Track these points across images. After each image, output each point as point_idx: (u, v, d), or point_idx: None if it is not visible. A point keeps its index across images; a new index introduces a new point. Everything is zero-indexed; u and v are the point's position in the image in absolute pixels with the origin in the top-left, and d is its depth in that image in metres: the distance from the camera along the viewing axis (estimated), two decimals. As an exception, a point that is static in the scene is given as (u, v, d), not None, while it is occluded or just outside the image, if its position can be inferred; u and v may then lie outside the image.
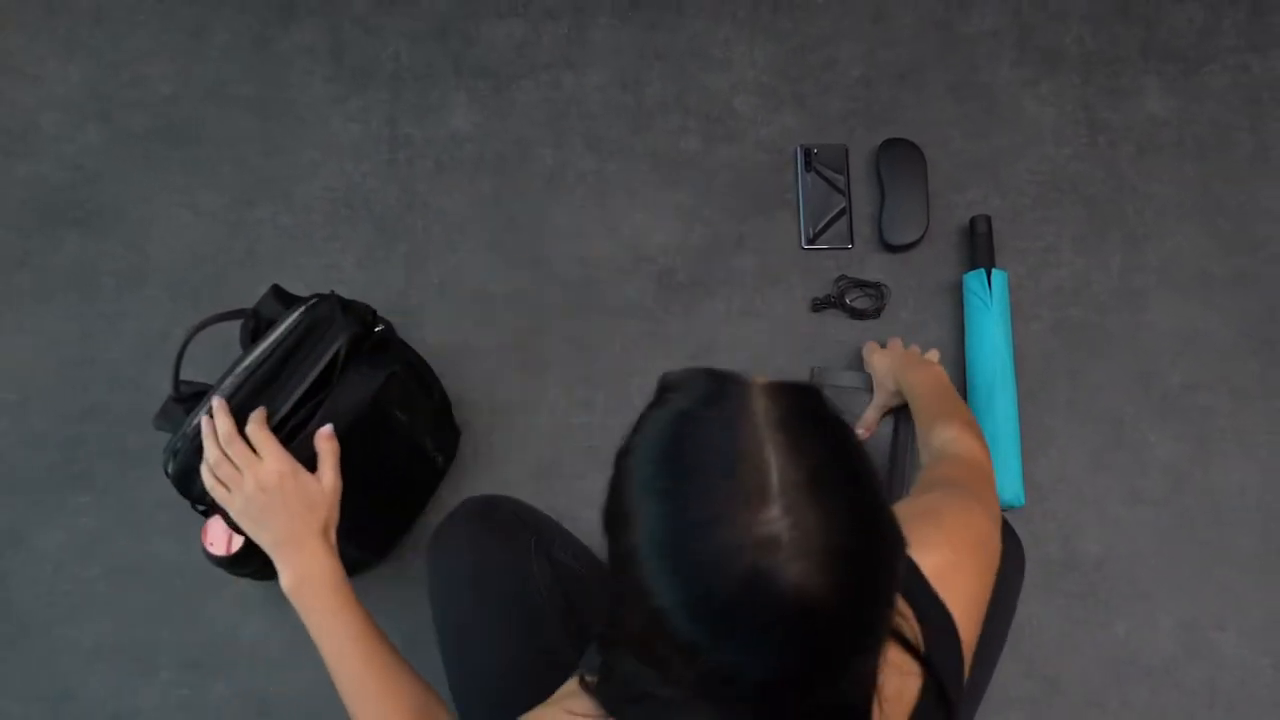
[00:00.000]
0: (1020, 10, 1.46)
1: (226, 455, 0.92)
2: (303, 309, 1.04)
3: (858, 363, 1.31)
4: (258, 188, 1.42)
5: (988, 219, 1.34)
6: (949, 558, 0.74)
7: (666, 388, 0.61)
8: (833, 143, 1.40)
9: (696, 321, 1.35)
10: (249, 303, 1.37)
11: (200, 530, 1.10)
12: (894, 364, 1.20)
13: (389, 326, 1.27)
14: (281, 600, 1.26)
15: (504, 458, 1.31)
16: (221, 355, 1.10)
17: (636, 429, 0.59)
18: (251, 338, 1.05)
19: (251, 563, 1.10)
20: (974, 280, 1.30)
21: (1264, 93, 1.42)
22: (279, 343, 1.02)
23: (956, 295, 1.35)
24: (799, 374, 1.33)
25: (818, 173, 1.38)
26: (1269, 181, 1.39)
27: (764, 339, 1.34)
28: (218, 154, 1.43)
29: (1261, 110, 1.41)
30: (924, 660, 0.67)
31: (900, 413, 1.24)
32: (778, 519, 0.52)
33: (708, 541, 0.53)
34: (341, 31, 1.47)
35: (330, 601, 0.89)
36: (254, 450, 0.92)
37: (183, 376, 1.03)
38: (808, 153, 1.39)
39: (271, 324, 1.04)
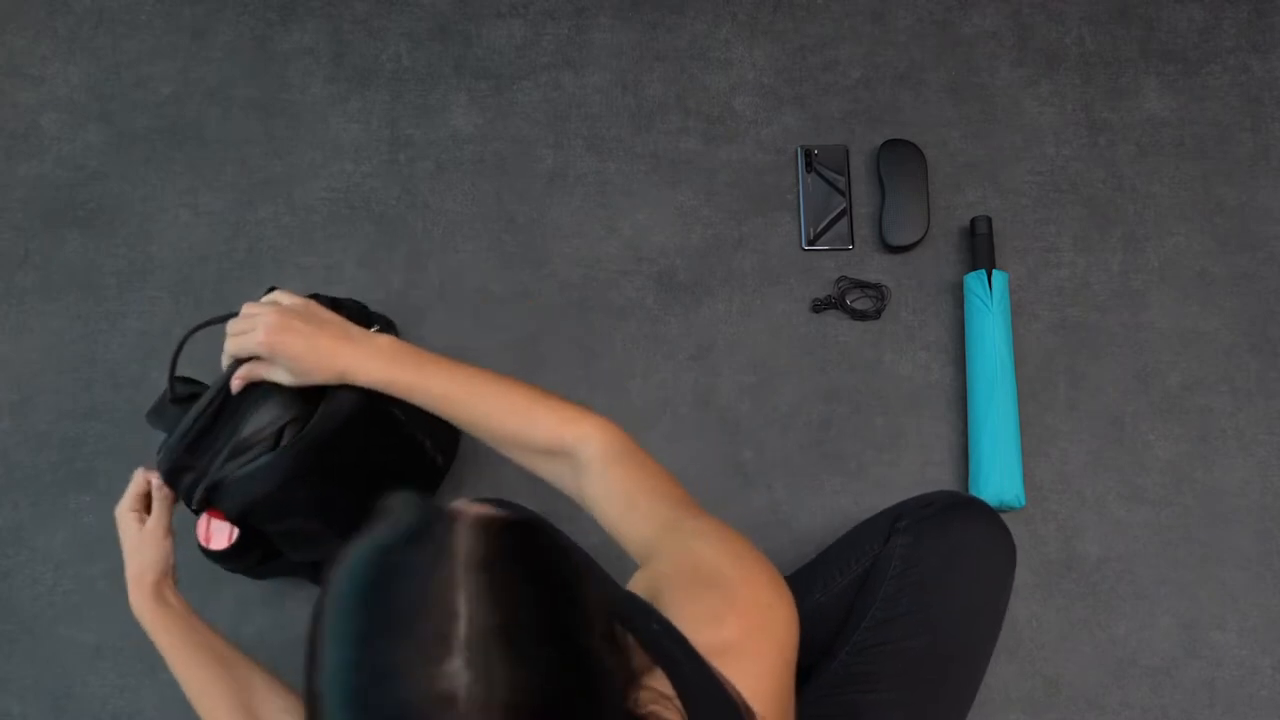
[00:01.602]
0: (1020, 11, 1.46)
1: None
2: None
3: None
4: (259, 188, 1.42)
5: (988, 219, 1.34)
6: (737, 632, 0.67)
7: (380, 511, 0.57)
8: (833, 143, 1.41)
9: (696, 322, 1.36)
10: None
11: (197, 526, 1.10)
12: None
13: (388, 324, 1.28)
14: (281, 600, 1.27)
15: (503, 458, 1.31)
16: (220, 355, 1.10)
17: (339, 559, 0.56)
18: None
19: (247, 558, 1.10)
20: (974, 281, 1.30)
21: (1264, 93, 1.42)
22: None
23: (957, 296, 1.35)
24: (800, 373, 1.33)
25: (818, 173, 1.38)
26: (1269, 181, 1.39)
27: (764, 339, 1.35)
28: (219, 154, 1.43)
29: (1262, 110, 1.41)
30: None
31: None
32: (458, 672, 0.49)
33: (386, 696, 0.50)
34: (342, 32, 1.48)
35: (166, 640, 0.95)
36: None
37: (180, 376, 1.03)
38: (809, 153, 1.39)
39: None
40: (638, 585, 0.73)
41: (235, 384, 0.95)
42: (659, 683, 0.61)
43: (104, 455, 1.32)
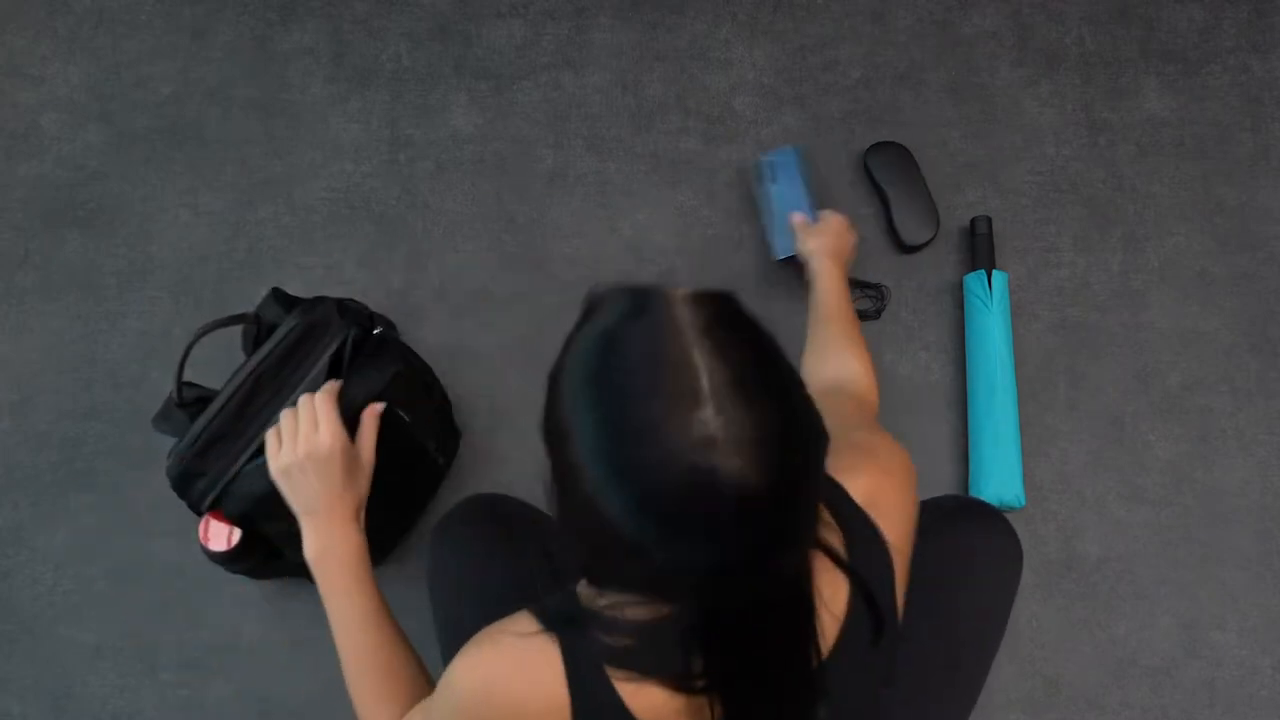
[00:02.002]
0: (1020, 11, 1.46)
1: (295, 415, 0.94)
2: (299, 311, 1.04)
3: None
4: (259, 188, 1.42)
5: (988, 220, 1.34)
6: (879, 481, 0.77)
7: (591, 306, 0.63)
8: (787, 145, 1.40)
9: (696, 321, 1.35)
10: (251, 302, 1.38)
11: (199, 527, 1.10)
12: (827, 245, 1.18)
13: (391, 326, 1.28)
14: (281, 600, 1.27)
15: (504, 458, 1.31)
16: (223, 357, 1.10)
17: (565, 349, 0.61)
18: (254, 342, 1.05)
19: (248, 559, 1.11)
20: (974, 281, 1.30)
21: (1264, 93, 1.42)
22: (276, 345, 1.02)
23: (957, 296, 1.35)
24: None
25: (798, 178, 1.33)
26: (1269, 181, 1.39)
27: (764, 339, 1.34)
28: (219, 154, 1.43)
29: (1262, 111, 1.41)
30: (848, 569, 0.70)
31: None
32: (712, 419, 0.55)
33: (648, 447, 0.55)
34: (342, 32, 1.48)
35: (347, 580, 0.90)
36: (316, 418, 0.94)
37: (185, 379, 1.04)
38: (762, 166, 1.33)
39: (274, 328, 1.05)
40: None
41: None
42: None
43: (104, 455, 1.32)
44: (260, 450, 1.01)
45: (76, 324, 1.37)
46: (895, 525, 0.77)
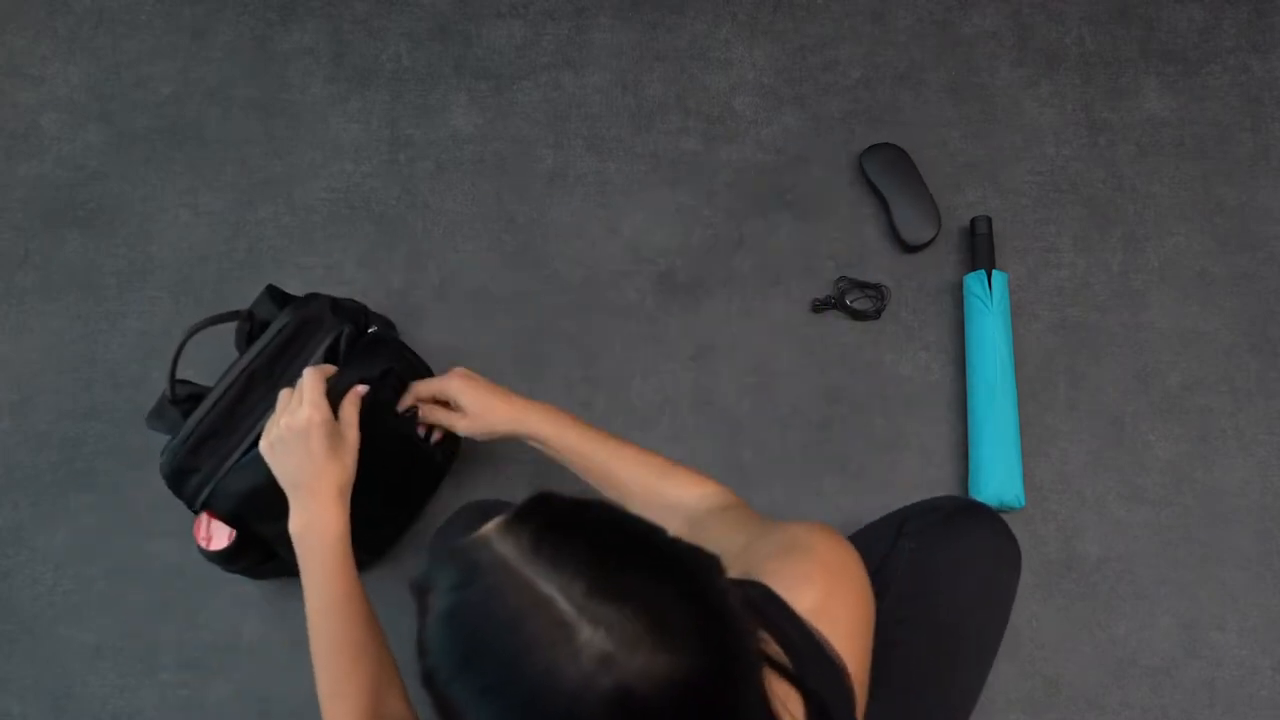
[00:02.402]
0: (1020, 11, 1.46)
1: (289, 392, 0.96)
2: (291, 308, 1.04)
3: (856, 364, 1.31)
4: (259, 188, 1.42)
5: (988, 220, 1.34)
6: (825, 591, 0.72)
7: (421, 595, 0.59)
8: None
9: (696, 322, 1.35)
10: (250, 302, 1.38)
11: (195, 526, 1.10)
12: (485, 421, 1.04)
13: (390, 326, 1.28)
14: (281, 600, 1.27)
15: (504, 458, 1.31)
16: (220, 356, 1.10)
17: (422, 653, 0.58)
18: (247, 339, 1.05)
19: (244, 558, 1.10)
20: (974, 281, 1.30)
21: (1264, 93, 1.42)
22: (268, 342, 1.02)
23: (957, 296, 1.35)
24: (800, 373, 1.33)
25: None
26: (1269, 181, 1.39)
27: (764, 340, 1.35)
28: (219, 154, 1.43)
29: (1262, 111, 1.41)
30: (795, 679, 0.67)
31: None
32: (592, 636, 0.52)
33: (551, 697, 0.52)
34: (342, 32, 1.48)
35: (326, 559, 0.91)
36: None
37: (180, 377, 1.04)
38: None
39: (267, 325, 1.05)
40: (732, 572, 0.78)
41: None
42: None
43: (104, 455, 1.32)
44: (252, 447, 1.01)
45: (76, 324, 1.37)
46: (848, 635, 0.72)
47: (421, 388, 1.05)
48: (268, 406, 1.01)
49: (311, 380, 0.94)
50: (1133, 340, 1.33)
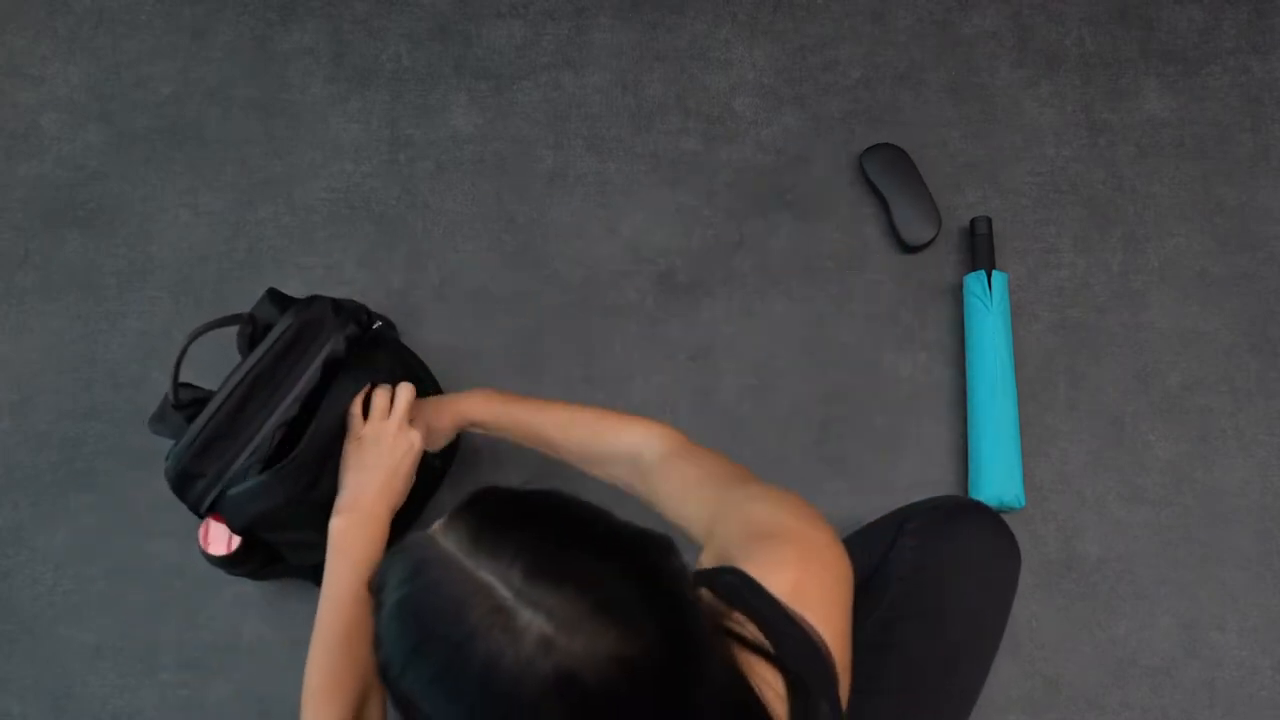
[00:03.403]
0: (1020, 11, 1.46)
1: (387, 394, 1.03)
2: (293, 311, 1.04)
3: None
4: (259, 188, 1.42)
5: (988, 220, 1.34)
6: (801, 572, 0.72)
7: (376, 593, 0.61)
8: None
9: (696, 322, 1.36)
10: (251, 303, 1.38)
11: (199, 531, 1.10)
12: (435, 415, 1.08)
13: (391, 326, 1.28)
14: (281, 600, 1.27)
15: (504, 459, 1.31)
16: (219, 358, 1.10)
17: (378, 645, 0.59)
18: (249, 343, 1.05)
19: (249, 562, 1.11)
20: (974, 282, 1.30)
21: (1264, 93, 1.42)
22: (270, 346, 1.02)
23: (957, 296, 1.35)
24: (800, 373, 1.33)
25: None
26: (1269, 181, 1.39)
27: (764, 340, 1.35)
28: (219, 154, 1.43)
29: (1262, 111, 1.41)
30: (776, 660, 0.67)
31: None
32: (533, 619, 0.53)
33: (497, 681, 0.53)
34: (342, 32, 1.48)
35: (358, 561, 0.95)
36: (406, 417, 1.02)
37: (181, 380, 1.04)
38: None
39: (268, 328, 1.05)
40: (706, 559, 0.77)
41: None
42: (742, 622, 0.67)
43: (104, 455, 1.32)
44: (254, 455, 1.01)
45: (76, 324, 1.37)
46: (826, 617, 0.72)
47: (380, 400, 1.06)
48: (271, 410, 1.01)
49: (410, 402, 1.02)
50: (1133, 340, 1.33)
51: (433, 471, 1.24)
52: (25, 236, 1.41)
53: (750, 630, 0.68)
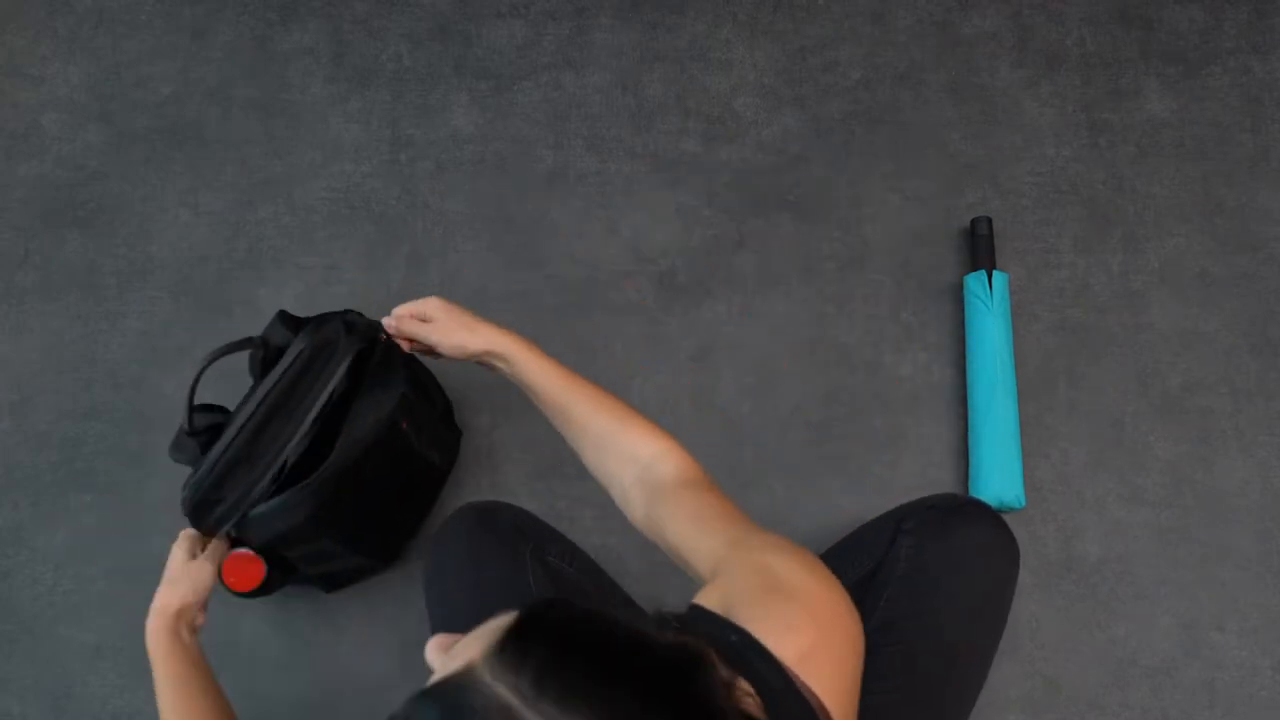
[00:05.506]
0: (1020, 11, 1.46)
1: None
2: (306, 333, 1.05)
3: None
4: (259, 188, 1.42)
5: (988, 220, 1.34)
6: (814, 639, 0.68)
7: None
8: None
9: (697, 322, 1.36)
10: (250, 303, 1.38)
11: (220, 569, 1.09)
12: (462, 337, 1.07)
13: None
14: (281, 600, 1.27)
15: (504, 459, 1.31)
16: (229, 379, 1.10)
17: None
18: (261, 364, 1.06)
19: (271, 588, 1.12)
20: (974, 282, 1.30)
21: (1264, 94, 1.42)
22: (286, 370, 1.03)
23: (957, 296, 1.35)
24: (800, 373, 1.33)
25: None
26: (1269, 182, 1.39)
27: (764, 340, 1.35)
28: (219, 154, 1.43)
29: (1262, 112, 1.41)
30: None
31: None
32: None
33: None
34: (342, 32, 1.48)
35: (157, 666, 1.04)
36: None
37: (200, 403, 1.05)
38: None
39: (280, 350, 1.05)
40: (709, 600, 0.73)
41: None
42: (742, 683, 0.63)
43: (104, 455, 1.32)
44: (275, 479, 1.02)
45: (76, 324, 1.37)
46: (834, 689, 0.68)
47: (401, 308, 1.09)
48: (289, 435, 1.02)
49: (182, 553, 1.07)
50: (1133, 341, 1.33)
51: (436, 473, 1.24)
52: (25, 236, 1.41)
53: (754, 704, 0.65)
